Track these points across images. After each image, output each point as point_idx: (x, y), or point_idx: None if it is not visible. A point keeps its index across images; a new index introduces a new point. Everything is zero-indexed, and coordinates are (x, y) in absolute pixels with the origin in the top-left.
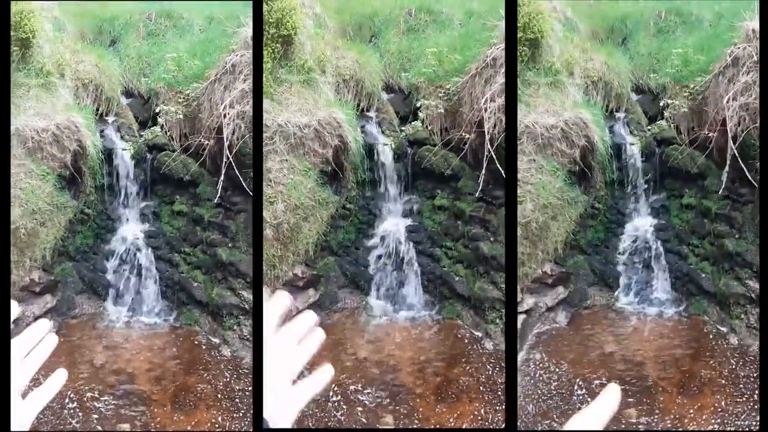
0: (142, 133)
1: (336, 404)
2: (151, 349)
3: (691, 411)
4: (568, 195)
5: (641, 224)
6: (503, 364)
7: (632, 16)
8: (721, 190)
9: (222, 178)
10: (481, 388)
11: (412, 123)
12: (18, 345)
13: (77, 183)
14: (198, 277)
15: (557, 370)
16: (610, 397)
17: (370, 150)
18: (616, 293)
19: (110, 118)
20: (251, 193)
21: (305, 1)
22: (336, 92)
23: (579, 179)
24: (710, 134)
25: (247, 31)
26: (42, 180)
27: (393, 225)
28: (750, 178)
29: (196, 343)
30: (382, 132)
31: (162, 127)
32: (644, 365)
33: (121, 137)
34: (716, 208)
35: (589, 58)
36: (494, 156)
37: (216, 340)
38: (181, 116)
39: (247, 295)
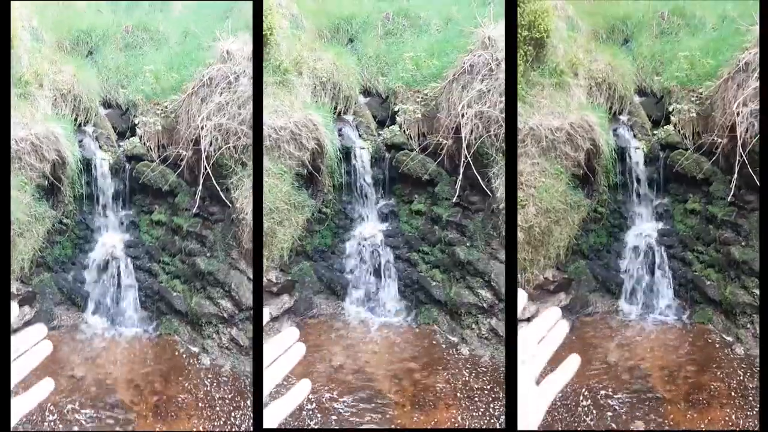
0: (120, 144)
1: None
2: (132, 358)
3: (702, 425)
4: (572, 199)
5: (645, 229)
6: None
7: (634, 16)
8: (729, 197)
9: (200, 188)
10: (458, 394)
11: (390, 127)
12: (12, 345)
13: (56, 193)
14: (177, 286)
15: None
16: (571, 365)
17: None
18: (619, 300)
19: (89, 129)
20: (229, 204)
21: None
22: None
23: (582, 183)
24: (717, 140)
25: (224, 45)
26: (20, 191)
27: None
28: (758, 184)
29: (176, 352)
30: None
31: (140, 137)
32: (649, 377)
33: (100, 147)
34: (722, 214)
35: (594, 59)
36: (471, 162)
37: (195, 349)
38: (160, 127)
39: (225, 303)
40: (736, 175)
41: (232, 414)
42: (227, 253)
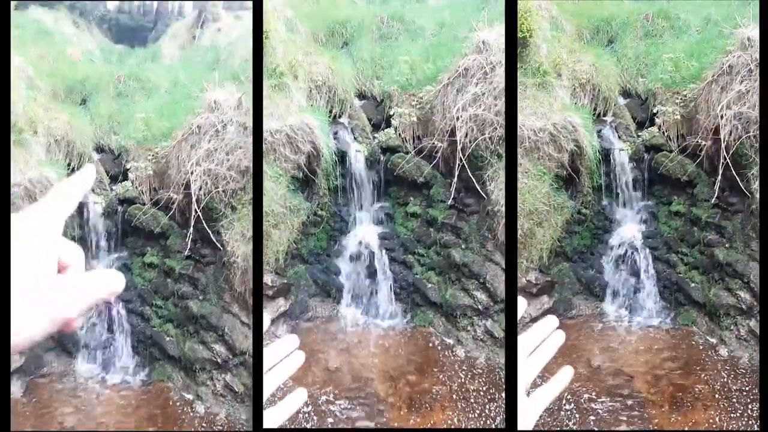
0: (113, 187)
1: None
2: (124, 408)
3: (686, 427)
4: (555, 200)
5: (629, 231)
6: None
7: (618, 18)
8: (713, 199)
9: (191, 230)
10: (454, 396)
11: (385, 130)
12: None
13: None
14: (170, 330)
15: (544, 384)
16: (564, 377)
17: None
18: (603, 303)
19: None
20: (220, 247)
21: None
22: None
23: (566, 184)
24: (701, 142)
25: (211, 95)
26: None
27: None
28: (742, 187)
29: (170, 401)
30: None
31: (132, 181)
32: (634, 379)
33: (93, 191)
34: (706, 216)
35: (578, 59)
36: (465, 164)
37: (189, 396)
38: (151, 172)
39: (219, 348)
40: (720, 177)
41: None
42: (219, 297)
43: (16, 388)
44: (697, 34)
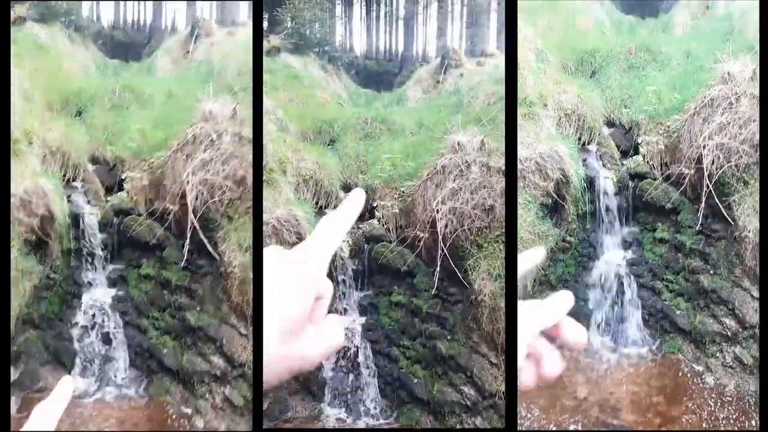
0: (108, 198)
1: None
2: (123, 424)
3: None
4: (539, 228)
5: (614, 258)
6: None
7: (602, 50)
8: (697, 226)
9: (188, 241)
10: None
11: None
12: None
13: (43, 248)
14: (167, 342)
15: (529, 415)
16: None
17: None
18: (588, 331)
19: (77, 184)
20: (216, 257)
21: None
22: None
23: (551, 212)
24: (685, 170)
25: (206, 106)
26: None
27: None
28: (725, 214)
29: (169, 417)
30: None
31: (128, 192)
32: (620, 410)
33: (88, 202)
34: (690, 243)
35: (563, 90)
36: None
37: (188, 410)
38: (146, 182)
39: (217, 360)
40: (703, 205)
41: None
42: (217, 308)
43: None
44: (679, 68)
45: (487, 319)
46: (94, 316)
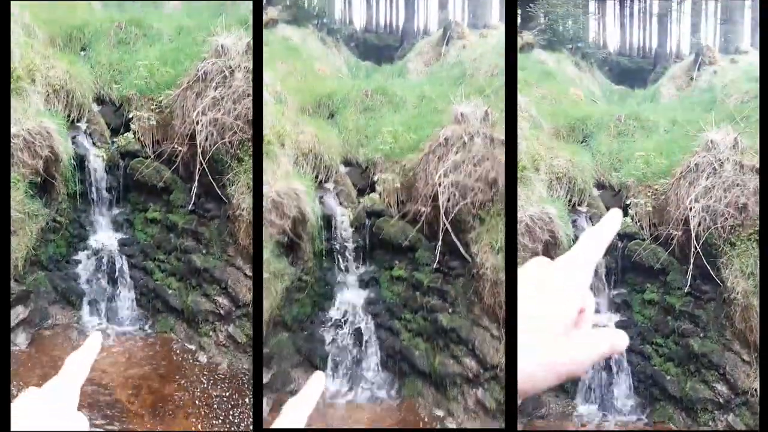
0: (114, 140)
1: None
2: (128, 358)
3: None
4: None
5: (602, 321)
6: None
7: (593, 117)
8: (686, 287)
9: (195, 185)
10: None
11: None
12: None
13: (49, 190)
14: (173, 284)
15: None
16: (613, 220)
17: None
18: (575, 400)
19: (82, 125)
20: (225, 200)
21: None
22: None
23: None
24: (673, 231)
25: (218, 40)
26: (12, 188)
27: None
28: (713, 275)
29: (174, 352)
30: None
31: (135, 133)
32: None
33: (93, 144)
34: (680, 305)
35: (555, 155)
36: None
37: (192, 347)
38: (154, 123)
39: (222, 300)
40: (691, 266)
41: (230, 413)
42: (223, 250)
43: None
44: (666, 134)
45: (488, 292)
46: (100, 258)
